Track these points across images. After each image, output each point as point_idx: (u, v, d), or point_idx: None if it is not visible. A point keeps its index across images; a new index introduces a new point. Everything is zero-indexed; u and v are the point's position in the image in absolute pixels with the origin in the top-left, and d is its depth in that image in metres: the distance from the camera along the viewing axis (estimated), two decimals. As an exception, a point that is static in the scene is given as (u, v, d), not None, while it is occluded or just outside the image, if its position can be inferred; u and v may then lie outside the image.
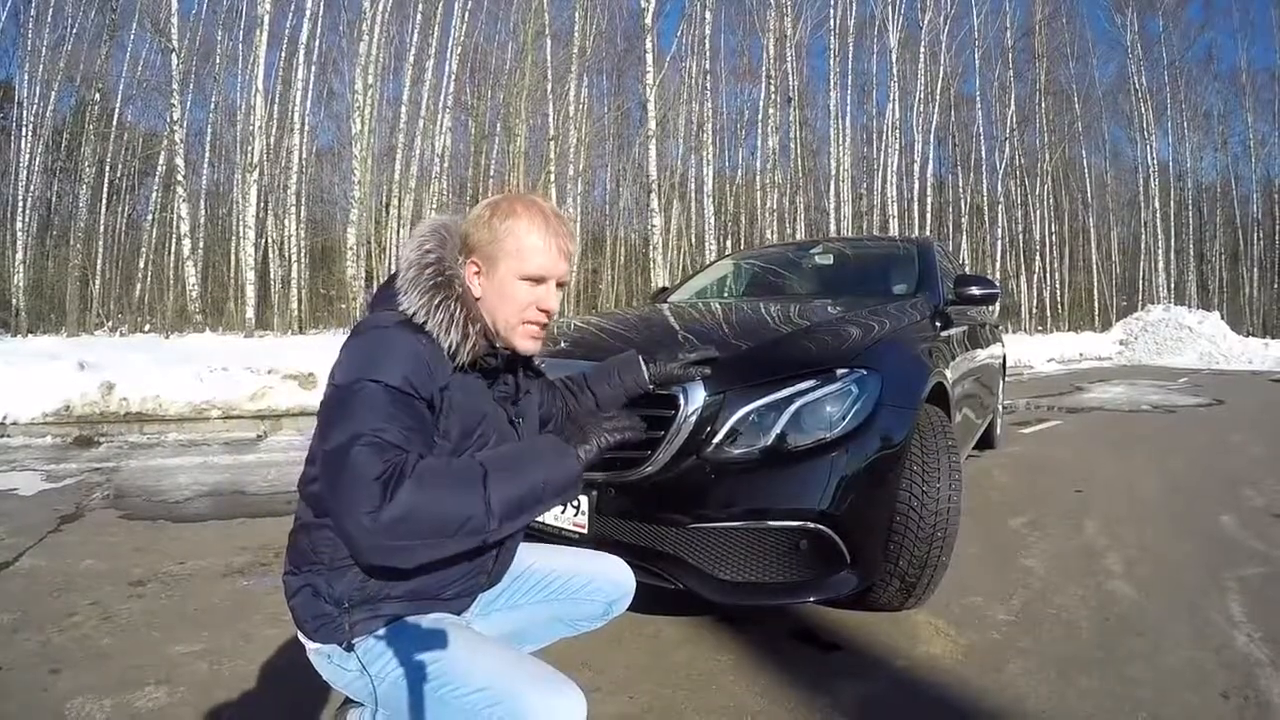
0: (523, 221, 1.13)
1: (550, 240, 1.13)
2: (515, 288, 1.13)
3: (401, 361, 1.01)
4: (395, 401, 0.99)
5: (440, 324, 1.06)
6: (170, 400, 6.26)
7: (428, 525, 0.93)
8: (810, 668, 1.94)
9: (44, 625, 2.14)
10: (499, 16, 19.90)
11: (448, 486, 0.95)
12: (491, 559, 1.20)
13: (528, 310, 1.14)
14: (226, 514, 3.37)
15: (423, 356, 1.03)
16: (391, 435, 0.96)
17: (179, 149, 13.89)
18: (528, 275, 1.12)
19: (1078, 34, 26.13)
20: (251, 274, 13.91)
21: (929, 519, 1.99)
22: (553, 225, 1.14)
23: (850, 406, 1.86)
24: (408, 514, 0.91)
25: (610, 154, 23.07)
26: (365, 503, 0.91)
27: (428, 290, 1.08)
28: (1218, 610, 2.30)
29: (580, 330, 2.52)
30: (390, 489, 0.91)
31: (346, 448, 0.94)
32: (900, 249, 3.88)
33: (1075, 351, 17.06)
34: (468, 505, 0.95)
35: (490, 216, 1.14)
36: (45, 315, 15.94)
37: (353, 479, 0.92)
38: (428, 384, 1.03)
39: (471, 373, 1.13)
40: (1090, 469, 4.44)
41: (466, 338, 1.07)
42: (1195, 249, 27.85)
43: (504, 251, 1.12)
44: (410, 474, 0.93)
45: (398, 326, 1.06)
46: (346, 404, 0.99)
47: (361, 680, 1.05)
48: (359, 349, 1.04)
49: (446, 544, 0.96)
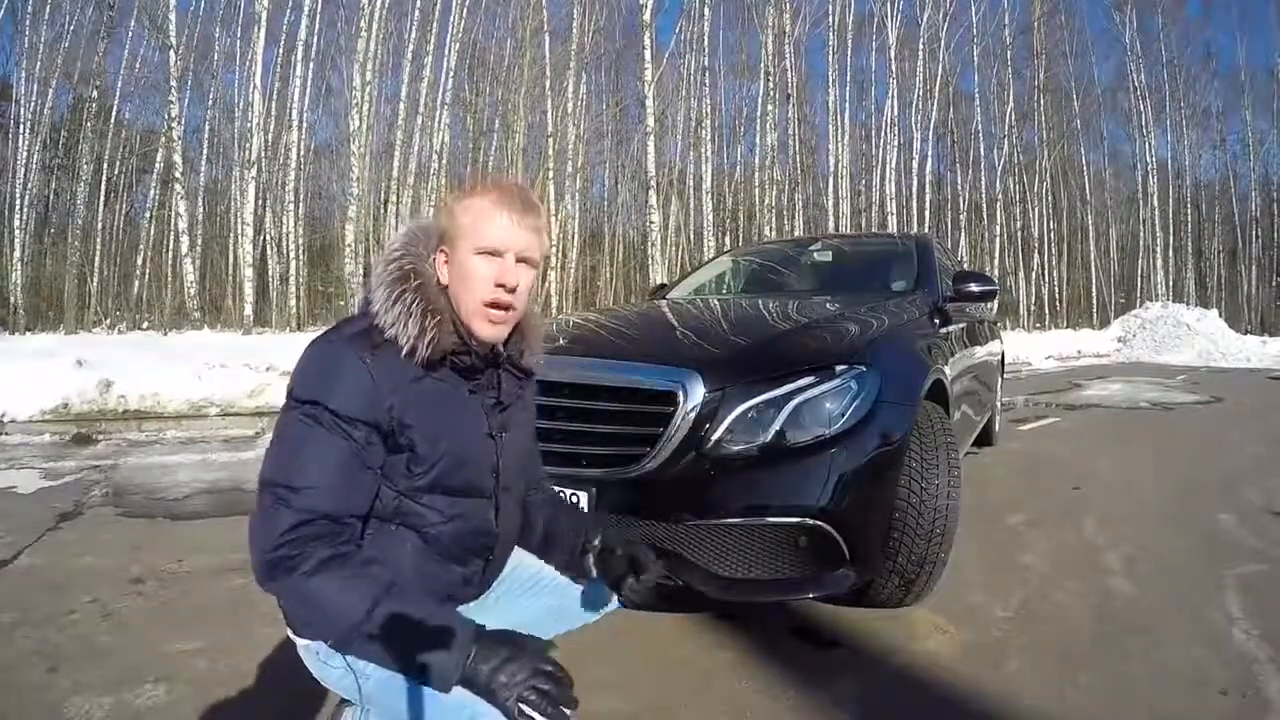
0: (477, 198, 1.11)
1: (504, 212, 1.09)
2: (473, 264, 1.09)
3: (343, 385, 1.01)
4: (325, 439, 1.00)
5: (397, 318, 1.04)
6: (168, 397, 6.24)
7: (296, 611, 1.03)
8: (810, 665, 1.95)
9: (42, 623, 2.14)
10: (497, 13, 19.83)
11: (333, 597, 0.97)
12: (479, 573, 1.19)
13: (486, 288, 1.09)
14: (225, 511, 3.37)
15: (364, 381, 1.02)
16: (303, 499, 0.98)
17: (177, 146, 13.88)
18: (482, 248, 1.09)
19: (1076, 31, 26.12)
20: (250, 271, 13.91)
21: (928, 515, 1.99)
22: (508, 198, 1.10)
23: (849, 403, 1.86)
24: (285, 592, 1.00)
25: (609, 151, 23.00)
26: (259, 549, 0.98)
27: (386, 284, 1.08)
28: (1216, 608, 2.30)
29: (579, 326, 2.52)
30: (284, 563, 0.96)
31: (266, 494, 1.00)
32: (899, 246, 3.89)
33: (1073, 349, 17.06)
34: (338, 618, 0.97)
35: (452, 201, 1.14)
36: (43, 313, 15.89)
37: (257, 534, 0.99)
38: (370, 408, 1.02)
39: (444, 378, 1.10)
40: (1089, 466, 4.44)
41: (424, 331, 1.04)
42: (1193, 246, 27.84)
43: (461, 230, 1.10)
44: (304, 566, 0.96)
45: (346, 342, 1.05)
46: (284, 431, 1.03)
47: (348, 677, 1.04)
48: (306, 364, 1.05)
49: (309, 620, 1.04)
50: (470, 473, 1.13)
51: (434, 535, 1.10)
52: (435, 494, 1.09)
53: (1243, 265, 28.13)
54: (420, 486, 1.08)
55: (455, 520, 1.11)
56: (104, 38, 16.58)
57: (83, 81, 17.14)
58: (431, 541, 1.10)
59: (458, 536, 1.12)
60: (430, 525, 1.10)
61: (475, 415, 1.14)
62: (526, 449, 1.32)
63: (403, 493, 1.07)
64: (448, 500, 1.10)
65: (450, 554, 1.13)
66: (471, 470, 1.13)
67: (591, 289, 22.64)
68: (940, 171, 24.84)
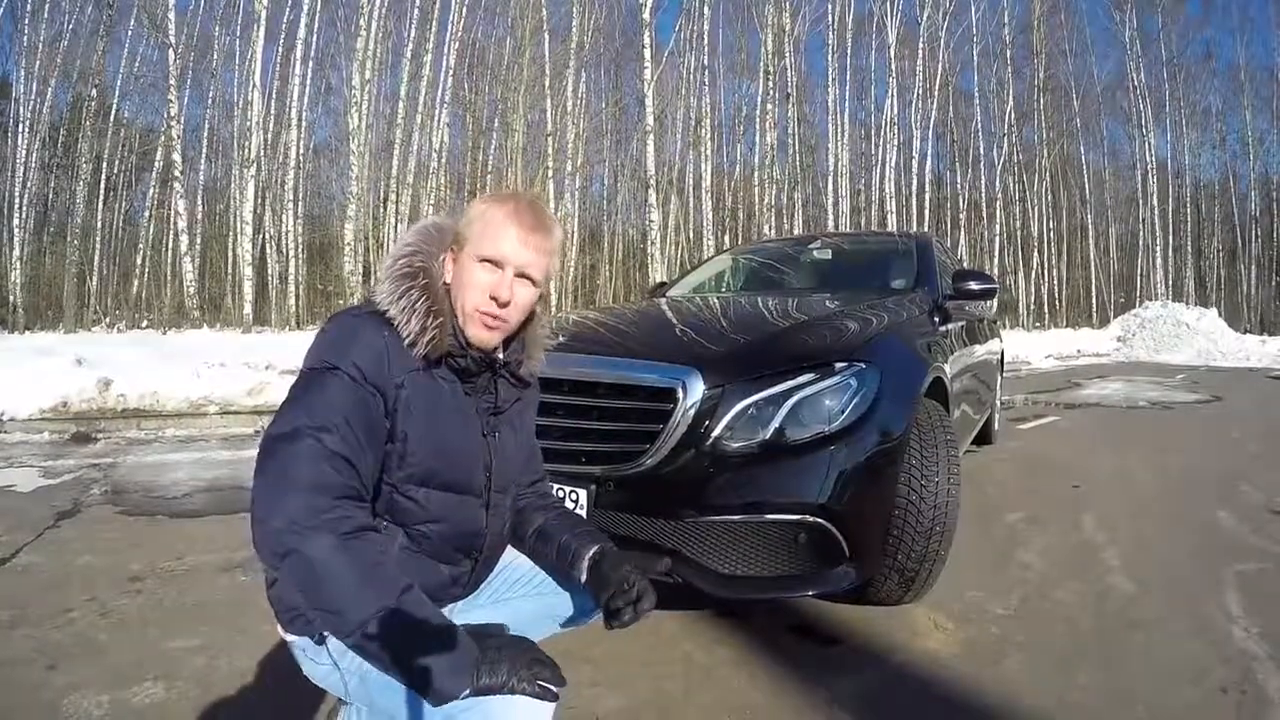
0: (493, 207, 1.12)
1: (512, 228, 1.10)
2: (473, 270, 1.10)
3: (360, 348, 1.02)
4: (348, 392, 0.99)
5: (401, 311, 1.06)
6: (168, 396, 6.23)
7: (309, 582, 0.91)
8: (809, 662, 1.95)
9: (41, 621, 2.14)
10: (496, 12, 19.79)
11: (351, 585, 0.90)
12: (468, 572, 1.18)
13: (480, 296, 1.10)
14: (225, 509, 3.37)
15: (379, 347, 1.03)
16: (334, 441, 0.95)
17: (176, 145, 13.87)
18: (484, 256, 1.09)
19: (1076, 30, 26.12)
20: (249, 270, 13.91)
21: (928, 513, 1.98)
22: (521, 214, 1.11)
23: (849, 400, 1.86)
24: (301, 561, 0.90)
25: (608, 149, 22.98)
26: (287, 501, 0.90)
27: (394, 278, 1.08)
28: (1215, 605, 2.30)
29: (579, 324, 2.52)
30: (320, 515, 0.91)
31: (290, 439, 0.95)
32: (899, 244, 3.88)
33: (1073, 348, 17.06)
34: (350, 606, 0.90)
35: (471, 203, 1.16)
36: (43, 312, 15.85)
37: (285, 478, 0.92)
38: (382, 375, 1.02)
39: (444, 376, 1.11)
40: (1088, 465, 4.44)
41: (425, 329, 1.05)
42: (1193, 246, 27.83)
43: (470, 234, 1.11)
44: (340, 534, 0.91)
45: (366, 316, 1.07)
46: (303, 389, 1.01)
47: (334, 674, 1.04)
48: (326, 334, 1.06)
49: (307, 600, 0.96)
50: (461, 471, 1.12)
51: (423, 533, 1.09)
52: (426, 488, 1.09)
53: (1242, 265, 28.12)
54: (411, 477, 1.07)
55: (445, 518, 1.11)
56: (103, 36, 16.52)
57: (82, 80, 17.11)
58: (420, 540, 1.09)
59: (446, 535, 1.12)
60: (420, 522, 1.09)
61: (470, 416, 1.15)
62: (524, 452, 1.30)
63: (395, 485, 1.07)
64: (439, 497, 1.10)
65: (439, 553, 1.12)
66: (462, 468, 1.12)
67: (591, 288, 22.63)
68: (940, 171, 24.89)
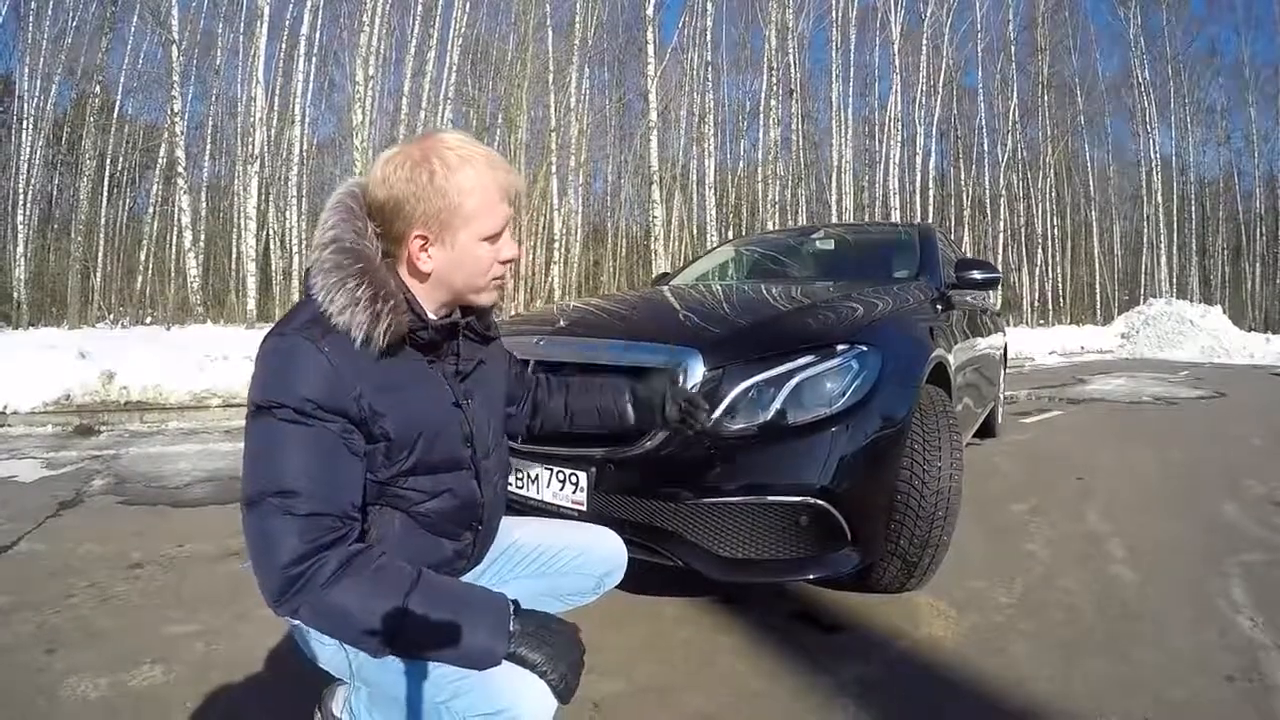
0: (471, 174, 1.00)
1: (504, 189, 1.03)
2: (478, 250, 1.02)
3: (303, 376, 0.93)
4: (304, 435, 0.92)
5: (344, 309, 0.94)
6: (171, 389, 6.25)
7: (324, 629, 0.95)
8: (811, 649, 1.93)
9: (41, 606, 2.14)
10: (500, 8, 19.76)
11: (356, 606, 0.91)
12: (470, 545, 1.16)
13: (494, 271, 1.05)
14: (226, 498, 3.37)
15: (323, 367, 0.93)
16: (302, 504, 0.90)
17: (179, 141, 13.82)
18: (490, 235, 1.02)
19: (1080, 27, 26.00)
20: (253, 266, 13.88)
21: (930, 498, 1.97)
22: (497, 166, 1.02)
23: (851, 383, 1.84)
24: (308, 617, 0.93)
25: (611, 145, 22.99)
26: (271, 573, 0.90)
27: (324, 270, 0.97)
28: (1221, 595, 2.29)
29: (580, 310, 2.51)
30: (301, 579, 0.90)
31: (259, 511, 0.91)
32: (901, 234, 3.86)
33: (1077, 344, 17.02)
34: (366, 625, 0.91)
35: (427, 178, 0.98)
36: (46, 308, 15.92)
37: (263, 555, 0.91)
38: (336, 395, 0.94)
39: (403, 356, 1.03)
40: (1092, 458, 4.42)
41: (377, 318, 0.95)
42: (1197, 243, 27.71)
43: (460, 214, 0.99)
44: (320, 578, 0.90)
45: (296, 333, 0.95)
46: (257, 441, 0.94)
47: (340, 655, 1.03)
48: (262, 366, 0.96)
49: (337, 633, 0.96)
50: (445, 447, 1.08)
51: (421, 513, 1.07)
52: (415, 475, 1.05)
53: (1246, 262, 28.02)
54: (403, 471, 1.03)
55: (441, 495, 1.08)
56: (106, 33, 16.59)
57: (85, 77, 17.14)
58: (419, 518, 1.07)
59: (445, 511, 1.09)
60: (416, 504, 1.06)
61: (438, 387, 1.08)
62: (500, 414, 1.26)
63: (385, 481, 1.03)
64: (431, 479, 1.07)
65: (439, 529, 1.09)
66: (445, 444, 1.08)
67: (595, 283, 22.60)
68: (944, 167, 24.82)
